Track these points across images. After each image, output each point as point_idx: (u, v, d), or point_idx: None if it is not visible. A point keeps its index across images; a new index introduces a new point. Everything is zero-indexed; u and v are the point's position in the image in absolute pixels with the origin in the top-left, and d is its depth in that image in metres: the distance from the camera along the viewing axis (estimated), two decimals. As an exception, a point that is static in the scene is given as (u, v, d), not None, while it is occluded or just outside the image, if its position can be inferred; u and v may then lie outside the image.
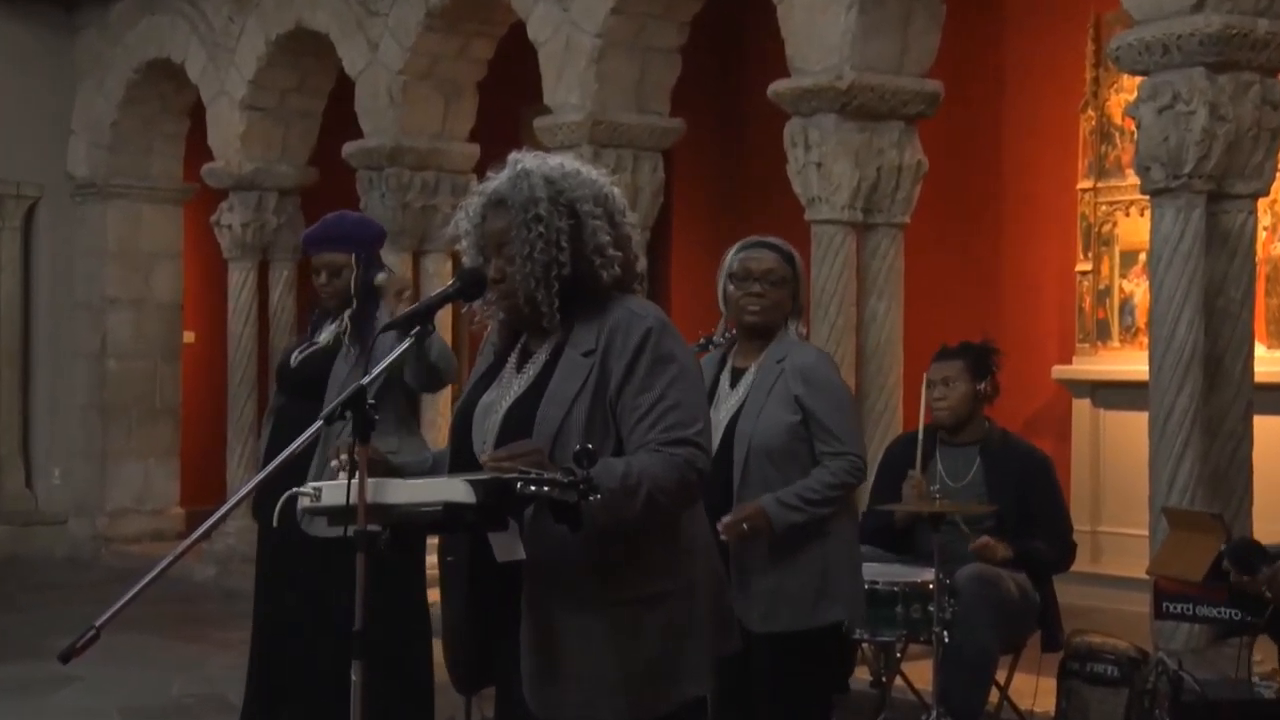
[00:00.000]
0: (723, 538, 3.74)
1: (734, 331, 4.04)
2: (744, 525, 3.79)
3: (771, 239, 4.05)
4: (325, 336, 4.74)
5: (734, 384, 4.00)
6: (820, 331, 6.16)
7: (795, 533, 3.84)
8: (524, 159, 2.71)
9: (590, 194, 2.68)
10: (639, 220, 7.58)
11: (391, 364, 2.74)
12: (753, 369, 3.95)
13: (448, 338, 8.36)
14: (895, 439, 5.37)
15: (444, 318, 7.77)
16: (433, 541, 3.09)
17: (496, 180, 2.71)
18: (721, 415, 3.91)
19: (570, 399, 2.62)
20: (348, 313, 4.66)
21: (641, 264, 2.76)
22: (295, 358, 4.76)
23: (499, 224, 2.68)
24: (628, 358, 2.61)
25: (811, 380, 3.87)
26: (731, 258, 4.03)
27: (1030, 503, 4.73)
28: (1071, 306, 7.95)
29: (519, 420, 2.67)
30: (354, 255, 4.65)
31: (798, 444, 3.87)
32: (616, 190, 2.73)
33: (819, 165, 6.21)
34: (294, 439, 2.53)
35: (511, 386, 2.72)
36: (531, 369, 2.72)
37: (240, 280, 9.36)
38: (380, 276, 4.65)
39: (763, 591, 3.84)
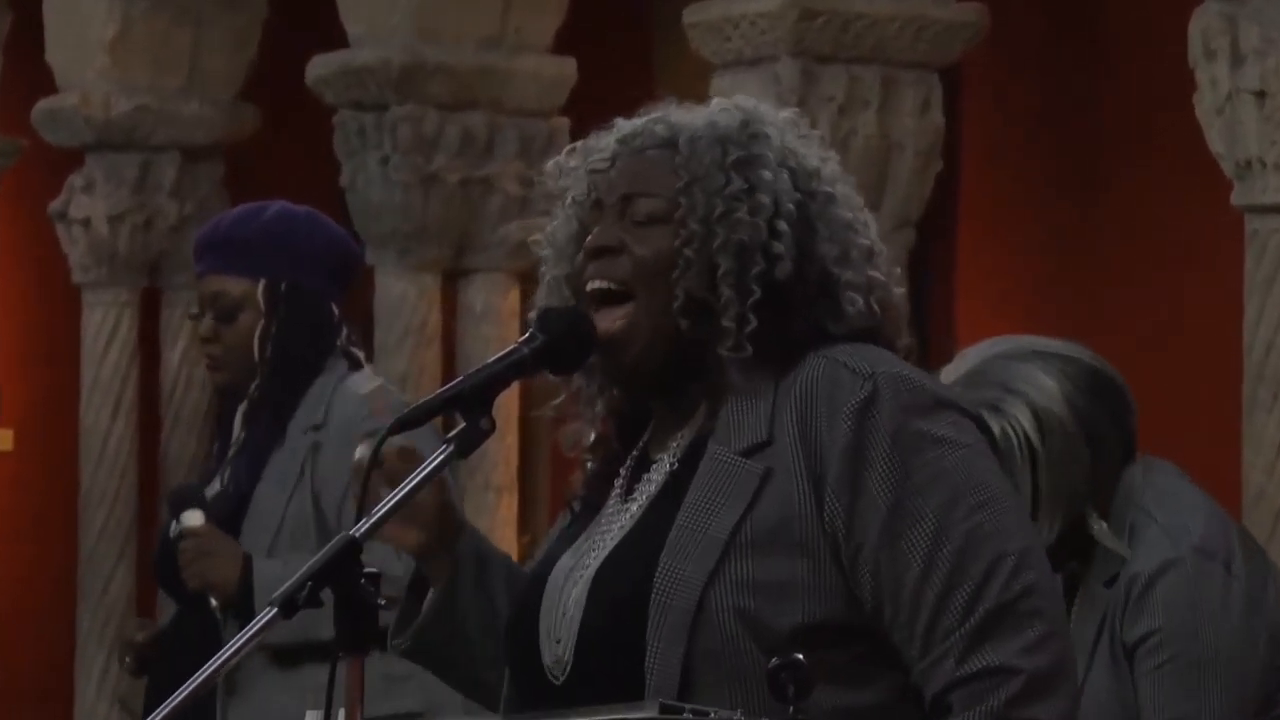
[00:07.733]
0: None
1: None
2: None
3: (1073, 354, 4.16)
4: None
5: None
6: (1259, 425, 6.38)
7: None
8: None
9: (840, 187, 2.98)
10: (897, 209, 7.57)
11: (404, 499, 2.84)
12: (1078, 601, 4.16)
13: (510, 443, 8.53)
14: None
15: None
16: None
17: (667, 111, 3.00)
18: None
19: (721, 545, 2.80)
20: (242, 407, 4.97)
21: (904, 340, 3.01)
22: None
23: (644, 170, 2.94)
24: (840, 461, 2.80)
25: (1155, 625, 4.01)
26: None
27: None
28: None
29: (617, 583, 2.87)
30: (261, 283, 4.85)
31: None
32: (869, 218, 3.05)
33: (1261, 96, 6.37)
34: (202, 656, 2.67)
35: (611, 528, 2.94)
36: (645, 491, 2.94)
37: (105, 325, 9.64)
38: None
39: None
